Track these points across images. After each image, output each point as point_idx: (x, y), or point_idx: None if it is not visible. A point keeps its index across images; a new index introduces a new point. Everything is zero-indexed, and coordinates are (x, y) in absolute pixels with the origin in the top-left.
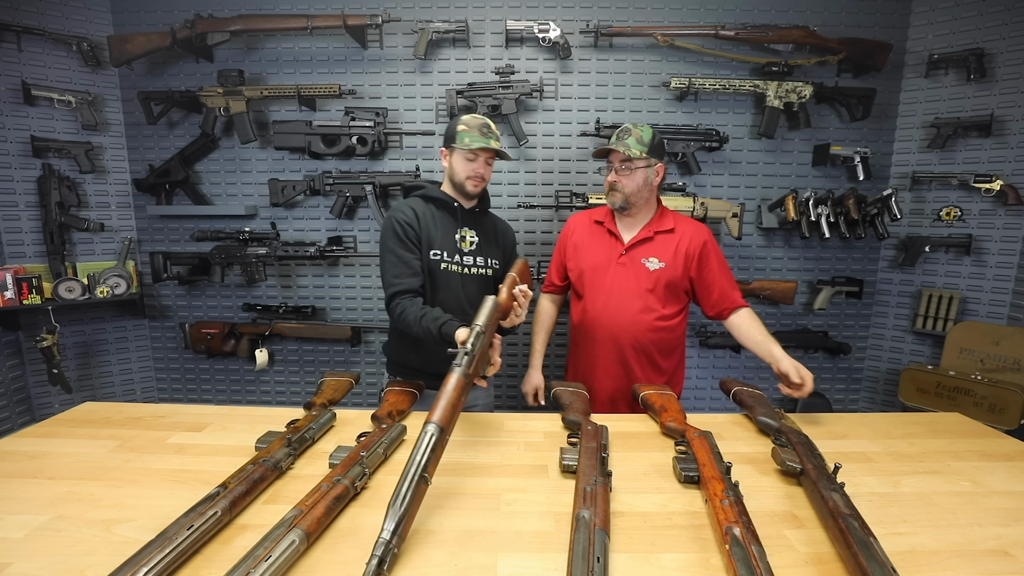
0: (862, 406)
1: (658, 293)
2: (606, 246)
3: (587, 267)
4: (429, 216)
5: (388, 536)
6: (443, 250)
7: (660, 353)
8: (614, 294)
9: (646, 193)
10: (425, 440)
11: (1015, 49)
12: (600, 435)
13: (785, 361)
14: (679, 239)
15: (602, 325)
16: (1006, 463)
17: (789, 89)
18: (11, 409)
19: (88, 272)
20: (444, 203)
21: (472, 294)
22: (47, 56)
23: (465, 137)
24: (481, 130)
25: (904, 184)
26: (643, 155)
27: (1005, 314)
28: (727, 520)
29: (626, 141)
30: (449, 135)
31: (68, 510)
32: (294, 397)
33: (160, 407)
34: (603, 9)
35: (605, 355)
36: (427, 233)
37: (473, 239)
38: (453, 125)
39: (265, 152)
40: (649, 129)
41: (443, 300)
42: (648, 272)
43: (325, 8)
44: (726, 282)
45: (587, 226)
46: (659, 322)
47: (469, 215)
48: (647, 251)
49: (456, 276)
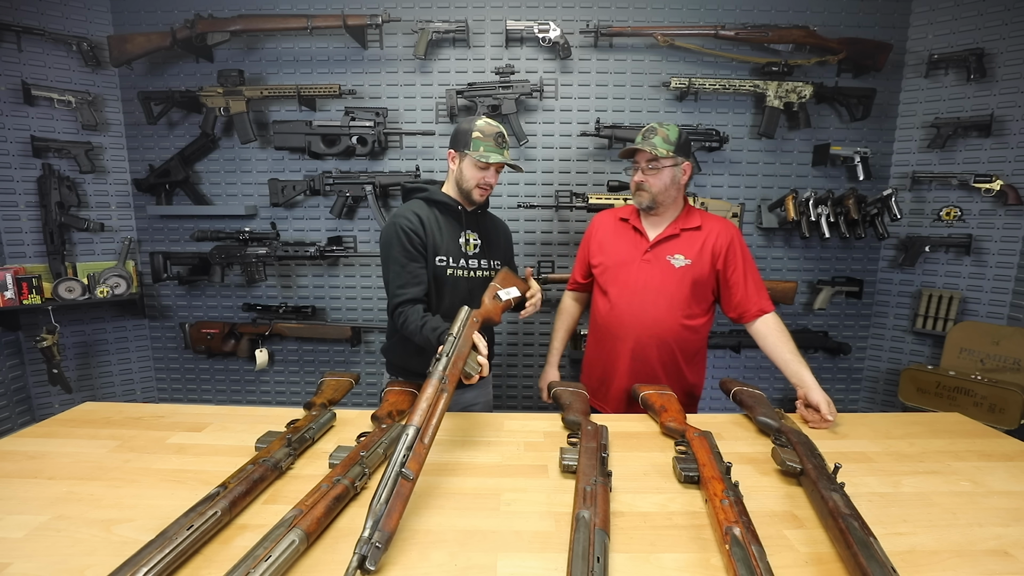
0: (862, 406)
1: (683, 291)
2: (631, 243)
3: (611, 264)
4: (433, 221)
5: (368, 533)
6: (448, 255)
7: (683, 353)
8: (638, 291)
9: (673, 192)
10: (403, 440)
11: (1015, 49)
12: (600, 435)
13: (816, 392)
14: (706, 236)
15: (624, 322)
16: (1006, 463)
17: (789, 89)
18: (11, 409)
19: (88, 272)
20: (448, 207)
21: (477, 297)
22: (47, 56)
23: (480, 146)
24: (496, 140)
25: (904, 184)
26: (670, 154)
27: (1005, 314)
28: (727, 520)
29: (652, 140)
30: (461, 139)
31: (68, 510)
32: (294, 397)
33: (160, 407)
34: (603, 9)
35: (626, 353)
36: (432, 239)
37: (476, 242)
38: (466, 130)
39: (265, 152)
40: (675, 128)
41: (449, 305)
42: (673, 269)
43: (325, 8)
44: (751, 284)
45: (612, 224)
46: (684, 320)
47: (472, 217)
48: (673, 248)
49: (462, 280)
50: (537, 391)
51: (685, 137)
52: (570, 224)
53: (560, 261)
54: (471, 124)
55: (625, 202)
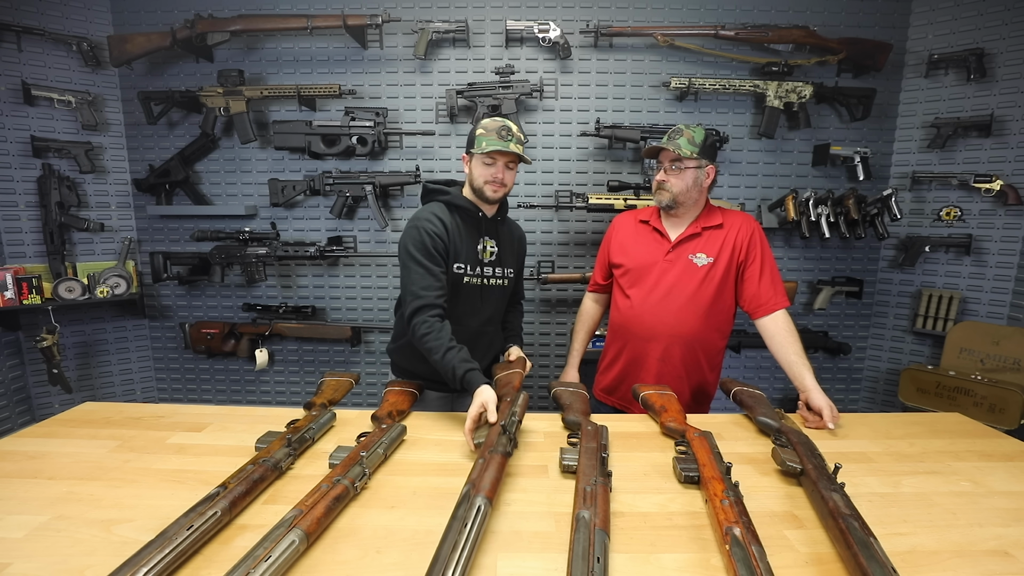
0: (862, 406)
1: (706, 290)
2: (653, 244)
3: (633, 266)
4: (455, 227)
5: None
6: (467, 263)
7: (705, 352)
8: (661, 292)
9: (695, 194)
10: (477, 515)
11: (1015, 49)
12: (600, 435)
13: (817, 395)
14: (726, 233)
15: (647, 323)
16: (1006, 463)
17: (789, 89)
18: (11, 409)
19: (88, 272)
20: (468, 212)
21: (490, 306)
22: (47, 56)
23: (483, 141)
24: (499, 133)
25: (904, 184)
26: (693, 155)
27: (1005, 314)
28: (727, 520)
29: (677, 141)
30: (469, 140)
31: (68, 510)
32: (294, 397)
33: (160, 407)
34: (603, 9)
35: (650, 353)
36: (454, 246)
37: (493, 249)
38: (473, 130)
39: (265, 152)
40: (702, 131)
41: (463, 313)
42: (696, 268)
43: (325, 8)
44: (767, 278)
45: (632, 225)
46: (706, 320)
47: (491, 224)
48: (694, 247)
49: (476, 289)
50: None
51: (712, 140)
52: (570, 224)
53: (560, 261)
54: (477, 124)
55: (625, 202)
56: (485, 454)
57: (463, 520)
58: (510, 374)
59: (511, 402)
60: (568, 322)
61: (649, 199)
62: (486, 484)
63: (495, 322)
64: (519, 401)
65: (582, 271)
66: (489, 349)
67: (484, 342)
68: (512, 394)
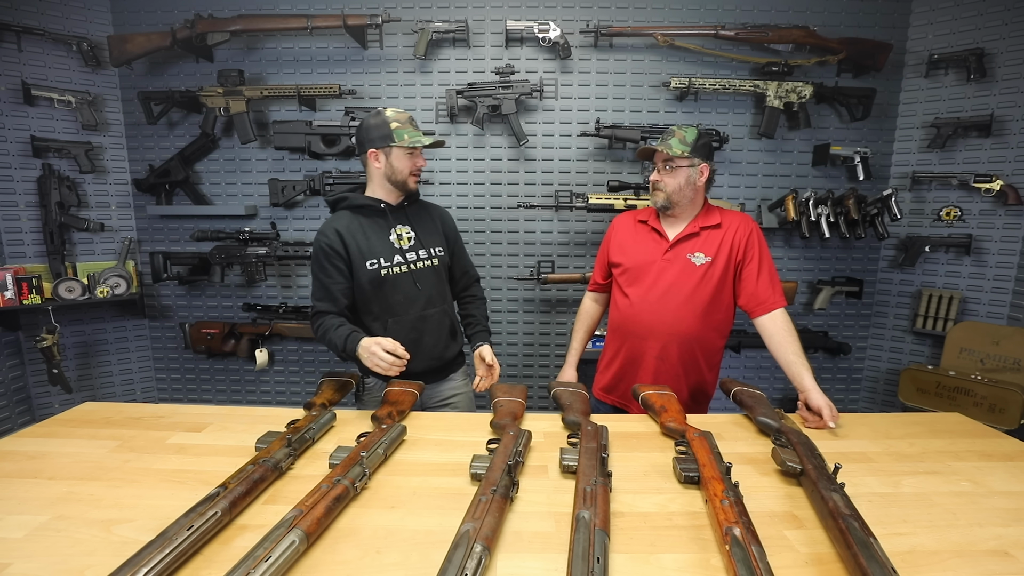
0: (862, 406)
1: (704, 289)
2: (651, 243)
3: (632, 265)
4: (357, 228)
5: None
6: (380, 257)
7: (704, 351)
8: (659, 291)
9: (689, 193)
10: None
11: (1015, 49)
12: (600, 435)
13: (816, 395)
14: (725, 232)
15: (646, 322)
16: (1006, 463)
17: (789, 89)
18: (11, 409)
19: (88, 272)
20: (371, 208)
21: (427, 287)
22: (47, 56)
23: (404, 134)
24: (413, 123)
25: (904, 184)
26: (685, 155)
27: (1005, 314)
28: (727, 520)
29: (668, 141)
30: (380, 135)
31: (68, 510)
32: (294, 397)
33: (160, 407)
34: (603, 9)
35: (648, 352)
36: (357, 248)
37: (409, 234)
38: (379, 123)
39: (265, 152)
40: (694, 130)
41: (397, 303)
42: (694, 268)
43: (325, 8)
44: (765, 277)
45: (631, 225)
46: (704, 319)
47: (399, 212)
48: (692, 246)
49: (404, 277)
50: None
51: (704, 139)
52: (570, 224)
53: (560, 261)
54: (381, 118)
55: (625, 202)
56: (487, 492)
57: (459, 566)
58: (512, 402)
59: (515, 437)
60: (568, 322)
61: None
62: (487, 531)
63: (438, 303)
64: (523, 440)
65: (582, 271)
66: (439, 330)
67: (432, 325)
68: (514, 427)
